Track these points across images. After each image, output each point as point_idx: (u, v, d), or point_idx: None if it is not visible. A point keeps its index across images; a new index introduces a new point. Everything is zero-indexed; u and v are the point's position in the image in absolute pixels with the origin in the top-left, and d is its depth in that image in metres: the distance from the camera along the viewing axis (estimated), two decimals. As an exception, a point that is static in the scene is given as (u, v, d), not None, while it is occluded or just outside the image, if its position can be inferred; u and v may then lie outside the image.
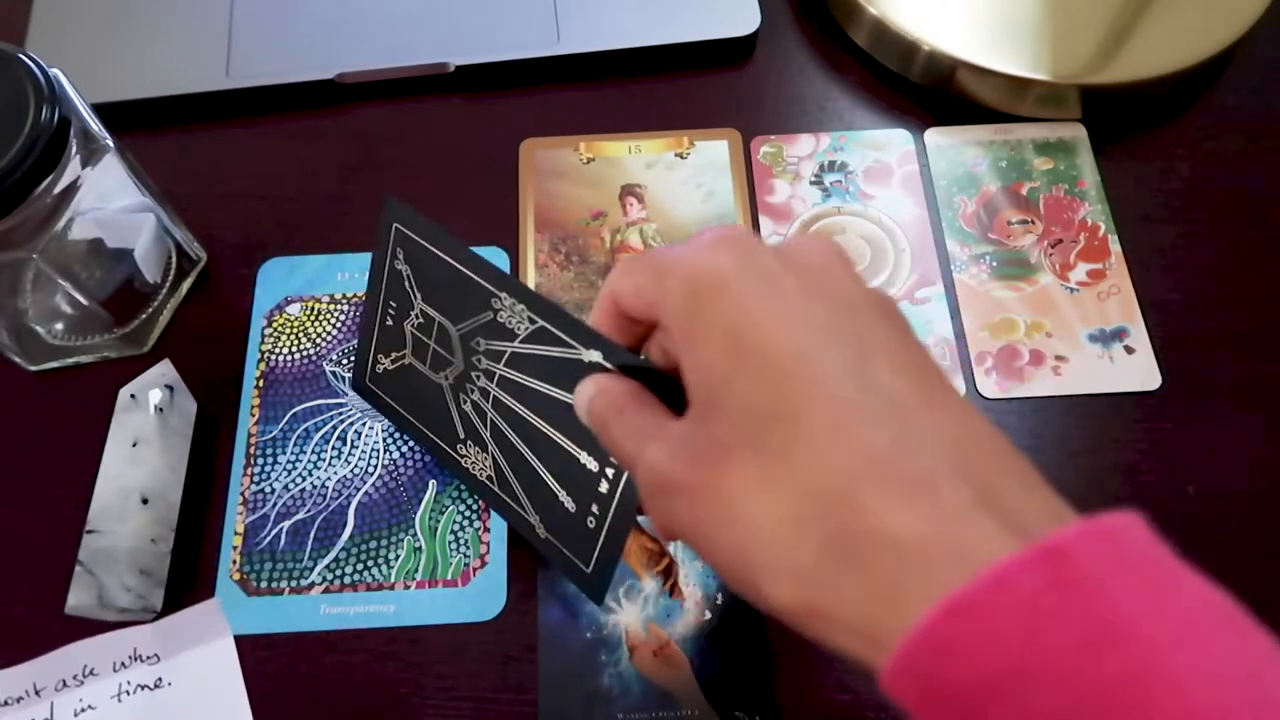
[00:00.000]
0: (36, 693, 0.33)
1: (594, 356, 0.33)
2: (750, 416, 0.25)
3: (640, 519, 0.45)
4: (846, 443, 0.24)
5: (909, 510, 0.23)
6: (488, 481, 0.42)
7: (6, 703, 0.33)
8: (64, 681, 0.33)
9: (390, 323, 0.42)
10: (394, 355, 0.43)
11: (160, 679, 0.34)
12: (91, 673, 0.34)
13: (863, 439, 0.24)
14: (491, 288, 0.36)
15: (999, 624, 0.21)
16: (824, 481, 0.24)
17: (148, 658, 0.34)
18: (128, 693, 0.34)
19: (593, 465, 0.36)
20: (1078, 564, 0.21)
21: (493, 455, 0.41)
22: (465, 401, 0.41)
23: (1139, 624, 0.21)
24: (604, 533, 0.37)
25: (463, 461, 0.43)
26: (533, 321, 0.35)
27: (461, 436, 0.42)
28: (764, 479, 0.25)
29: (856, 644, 0.24)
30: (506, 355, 0.37)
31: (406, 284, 0.40)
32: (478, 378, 0.39)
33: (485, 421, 0.40)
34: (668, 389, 0.30)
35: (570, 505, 0.38)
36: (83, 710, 0.33)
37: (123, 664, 0.34)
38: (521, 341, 0.36)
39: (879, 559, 0.23)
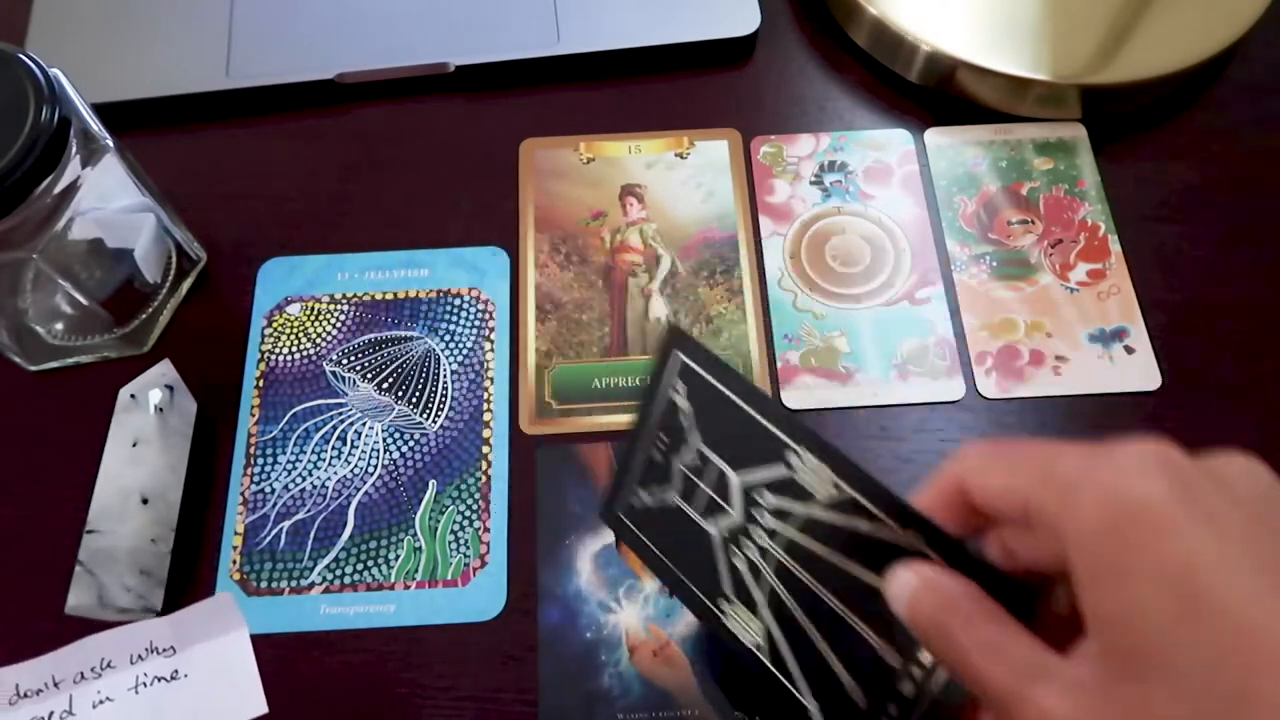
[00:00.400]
0: (55, 685, 0.34)
1: (912, 539, 0.29)
2: (1211, 694, 0.21)
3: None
4: None
5: None
6: (755, 649, 0.36)
7: (26, 695, 0.33)
8: (82, 674, 0.34)
9: (658, 457, 0.38)
10: (655, 491, 0.39)
11: (176, 671, 0.35)
12: (109, 665, 0.34)
13: None
14: (788, 440, 0.33)
15: None
16: None
17: (164, 650, 0.34)
18: (145, 684, 0.34)
19: (894, 661, 0.31)
20: None
21: (765, 623, 0.36)
22: (738, 556, 0.36)
23: None
24: None
25: (725, 620, 0.37)
26: (837, 488, 0.32)
27: (728, 593, 0.37)
28: None
29: None
30: (800, 518, 0.33)
31: (683, 419, 0.36)
32: (758, 535, 0.35)
33: (761, 584, 0.35)
34: (1012, 597, 0.26)
35: (860, 700, 0.33)
36: (101, 702, 0.34)
37: (139, 656, 0.34)
38: (821, 506, 0.32)
39: None
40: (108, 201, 0.45)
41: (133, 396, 0.45)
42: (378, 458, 0.47)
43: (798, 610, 0.34)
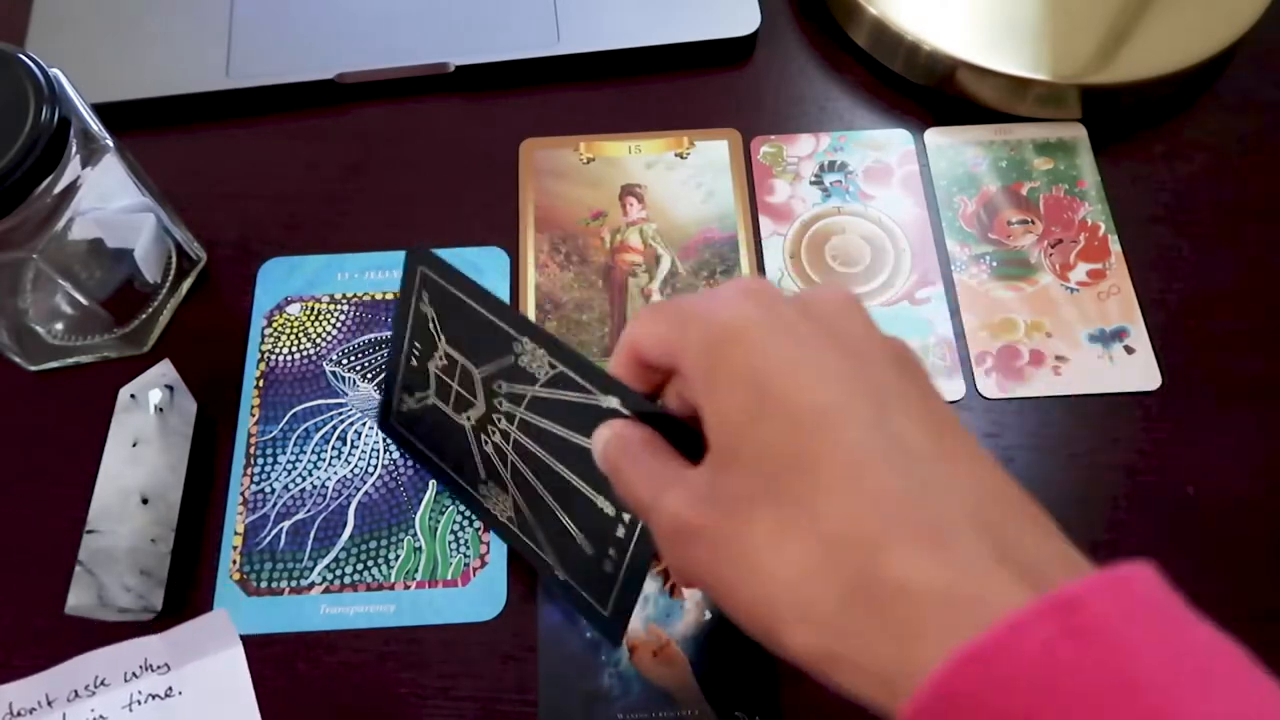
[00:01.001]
0: (49, 703, 0.33)
1: (611, 403, 0.33)
2: (770, 466, 0.26)
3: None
4: (865, 492, 0.24)
5: (927, 560, 0.23)
6: (508, 522, 0.42)
7: (20, 714, 0.33)
8: (75, 692, 0.34)
9: (415, 363, 0.42)
10: (418, 395, 0.43)
11: (171, 688, 0.34)
12: (103, 683, 0.34)
13: (881, 488, 0.24)
14: (513, 332, 0.37)
15: (1014, 673, 0.21)
16: (842, 530, 0.24)
17: (158, 667, 0.34)
18: (139, 702, 0.34)
19: (609, 510, 0.36)
20: (1092, 613, 0.21)
21: (513, 496, 0.41)
22: (486, 443, 0.41)
23: (1154, 672, 0.21)
24: (621, 577, 0.37)
25: (484, 502, 0.43)
26: (553, 367, 0.36)
27: (483, 477, 0.42)
28: (783, 528, 0.25)
29: (874, 691, 0.24)
30: (527, 399, 0.37)
31: (431, 326, 0.41)
32: (499, 420, 0.39)
33: (506, 463, 0.40)
34: (685, 437, 0.30)
35: (588, 549, 0.38)
36: None
37: (133, 674, 0.34)
38: (541, 386, 0.36)
39: (897, 608, 0.23)
40: (108, 201, 0.45)
41: (133, 396, 0.45)
42: (378, 458, 0.47)
43: (534, 480, 0.39)
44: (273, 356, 0.49)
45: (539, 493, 0.39)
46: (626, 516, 0.36)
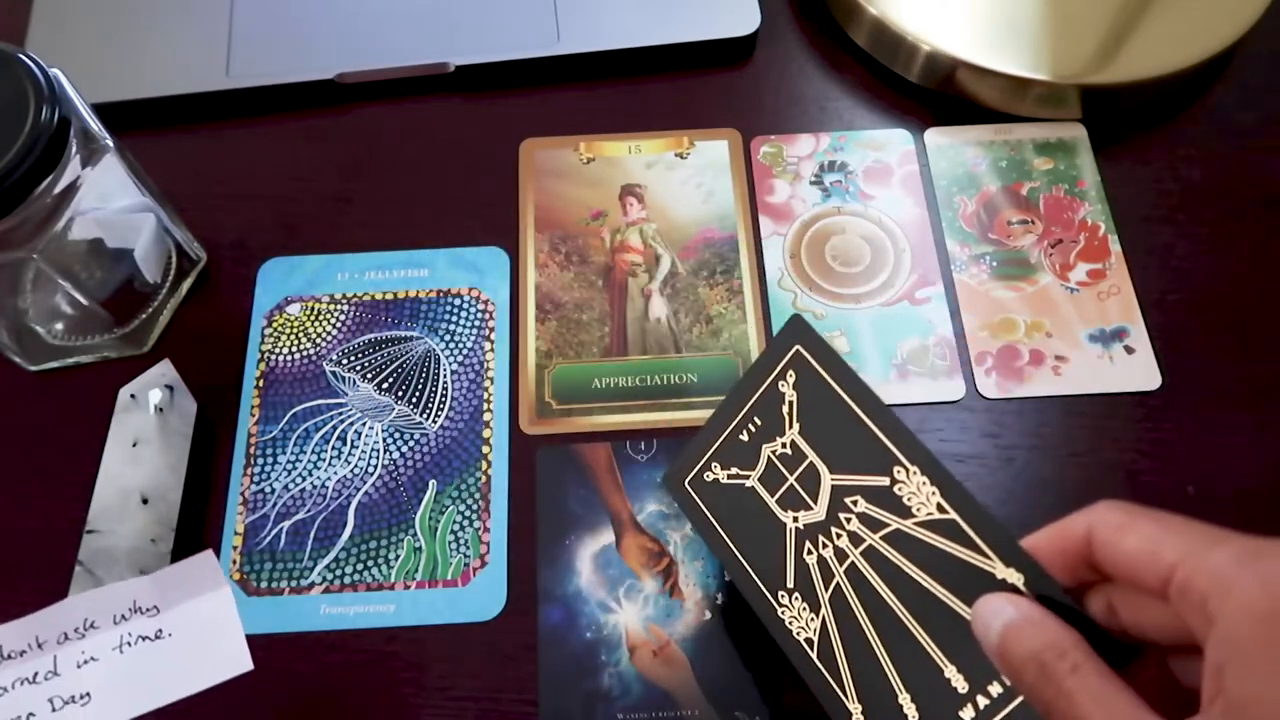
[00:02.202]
0: (39, 646, 0.34)
1: (1012, 577, 0.29)
2: None
3: (647, 518, 0.45)
4: None
5: None
6: (804, 644, 0.36)
7: (10, 656, 0.33)
8: (65, 634, 0.34)
9: (745, 439, 0.38)
10: (734, 471, 0.39)
11: (160, 630, 0.34)
12: (92, 625, 0.34)
13: None
14: (900, 454, 0.33)
15: None
16: None
17: (147, 609, 0.34)
18: (129, 644, 0.34)
19: (960, 685, 0.31)
20: None
21: (823, 620, 0.36)
22: (811, 553, 0.36)
23: None
24: None
25: (779, 611, 0.37)
26: (942, 510, 0.31)
27: (790, 586, 0.37)
28: None
29: None
30: (888, 530, 0.33)
31: (785, 408, 0.37)
32: (838, 535, 0.35)
33: (829, 584, 0.35)
34: (1105, 655, 0.26)
35: (911, 714, 0.33)
36: (85, 662, 0.34)
37: (123, 616, 0.34)
38: (916, 524, 0.32)
39: None
40: (108, 201, 0.45)
41: (133, 396, 0.45)
42: (378, 458, 0.47)
43: (863, 616, 0.34)
44: (273, 356, 0.49)
45: (865, 631, 0.34)
46: (982, 702, 0.30)
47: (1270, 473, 0.47)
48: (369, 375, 0.49)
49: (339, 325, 0.50)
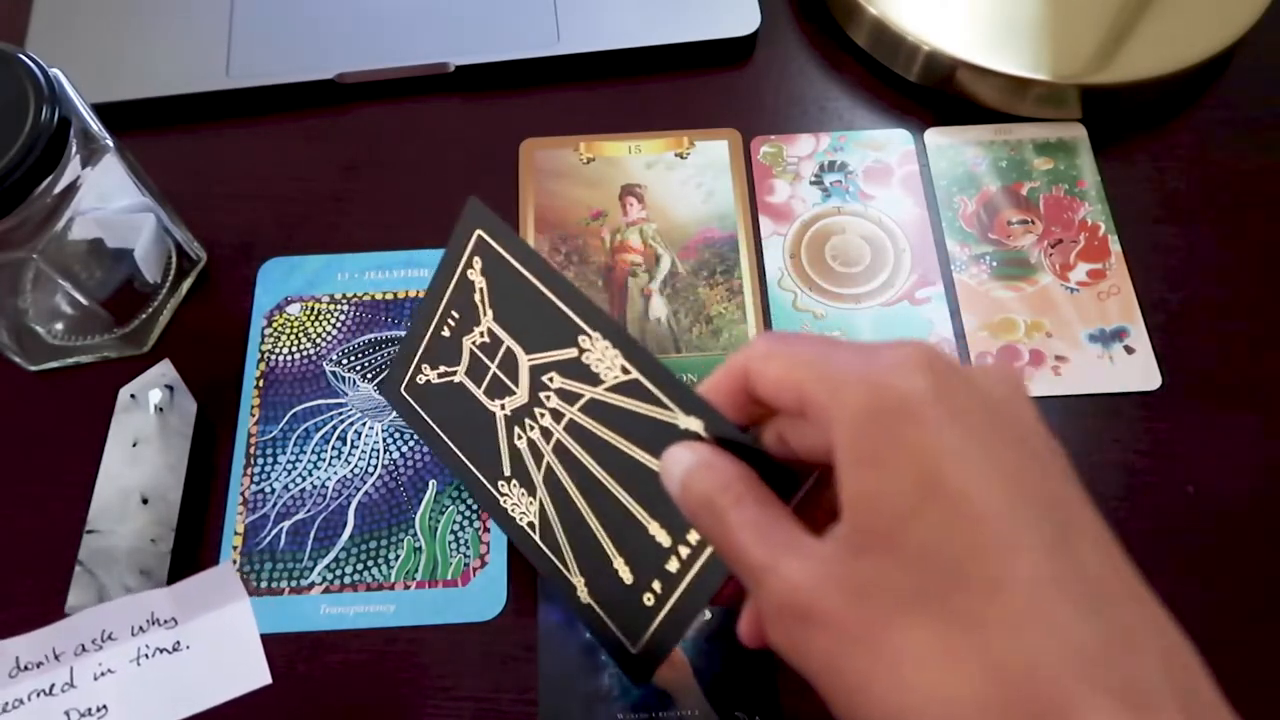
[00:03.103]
0: (56, 657, 0.33)
1: (693, 425, 0.30)
2: (933, 569, 0.23)
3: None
4: (1052, 629, 0.22)
5: None
6: (527, 528, 0.38)
7: (27, 668, 0.33)
8: (83, 646, 0.34)
9: (447, 334, 0.38)
10: (443, 369, 0.39)
11: (179, 642, 0.34)
12: (110, 637, 0.34)
13: (1071, 629, 0.22)
14: (582, 323, 0.33)
15: None
16: (1022, 667, 0.22)
17: (165, 621, 0.34)
18: (146, 656, 0.34)
19: (664, 539, 0.32)
20: None
21: (540, 501, 0.37)
22: (520, 438, 0.37)
23: None
24: (663, 614, 0.33)
25: (501, 500, 0.39)
26: (626, 372, 0.32)
27: (506, 474, 0.38)
28: (946, 646, 0.23)
29: None
30: (583, 400, 0.34)
31: (478, 297, 0.37)
32: (542, 415, 0.36)
33: (540, 464, 0.36)
34: (779, 484, 0.28)
35: (626, 576, 0.34)
36: (102, 674, 0.34)
37: (140, 628, 0.34)
38: (606, 389, 0.33)
39: None
40: (108, 201, 0.45)
41: (133, 396, 0.45)
42: (378, 458, 0.47)
43: (573, 489, 0.35)
44: (273, 356, 0.49)
45: (576, 504, 0.35)
46: (684, 551, 0.32)
47: (1270, 473, 0.47)
48: (369, 375, 0.49)
49: (339, 325, 0.50)
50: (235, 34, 0.57)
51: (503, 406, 0.37)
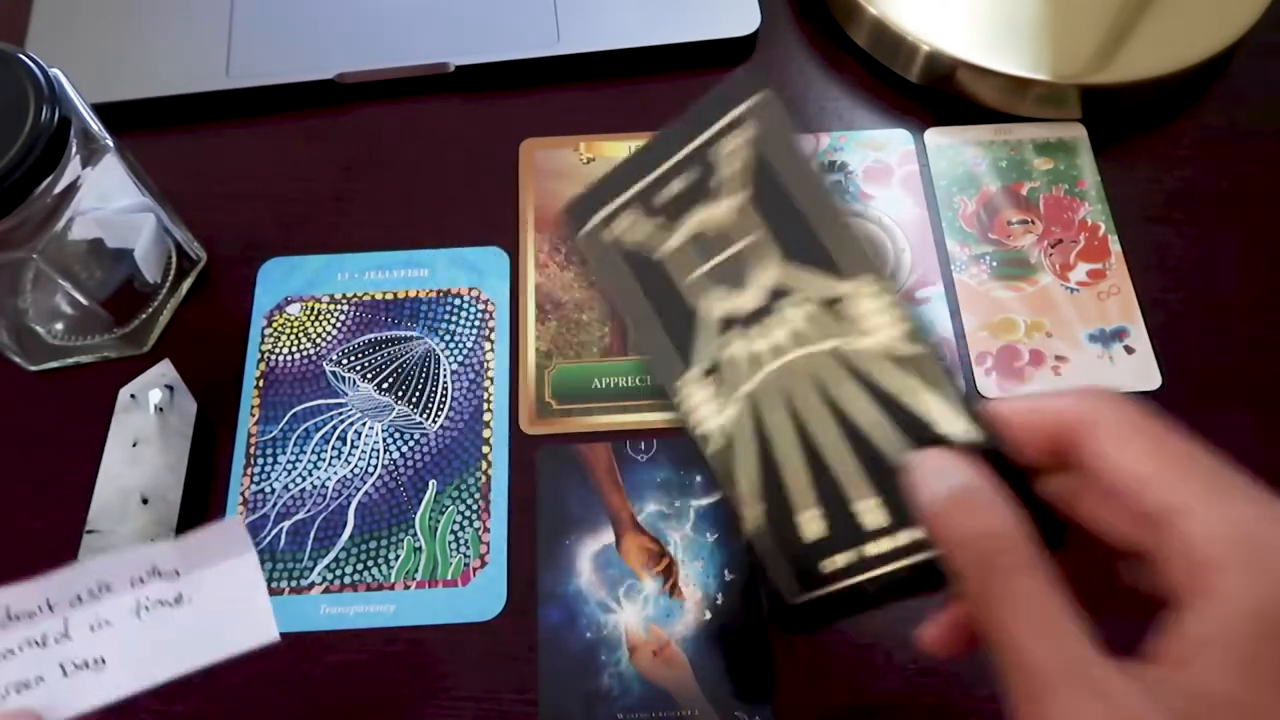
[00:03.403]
0: (50, 608, 0.32)
1: (959, 432, 0.27)
2: None
3: (648, 521, 0.45)
4: None
5: None
6: (700, 438, 0.31)
7: (17, 618, 0.32)
8: (79, 597, 0.32)
9: (666, 193, 0.32)
10: (651, 231, 0.32)
11: (181, 595, 0.33)
12: (107, 588, 0.32)
13: None
14: (874, 267, 0.29)
15: None
16: None
17: (167, 573, 0.33)
18: (146, 608, 0.33)
19: (877, 519, 0.28)
20: None
21: (732, 420, 0.31)
22: (733, 342, 0.31)
23: None
24: (842, 586, 0.29)
25: (677, 397, 0.32)
26: (910, 341, 0.28)
27: (694, 373, 0.31)
28: None
29: None
30: (829, 346, 0.29)
31: (732, 168, 0.31)
32: (770, 331, 0.30)
33: (753, 381, 0.30)
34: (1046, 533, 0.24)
35: (814, 532, 0.29)
36: (100, 626, 0.32)
37: (140, 580, 0.33)
38: (872, 344, 0.28)
39: None
40: (108, 201, 0.45)
41: (133, 396, 0.45)
42: (378, 458, 0.47)
43: (786, 424, 0.30)
44: (273, 356, 0.49)
45: (781, 439, 0.30)
46: (901, 539, 0.28)
47: (1270, 473, 0.46)
48: (369, 375, 0.49)
49: (339, 325, 0.50)
50: (235, 34, 0.57)
51: (717, 300, 0.31)
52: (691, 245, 0.32)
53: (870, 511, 0.28)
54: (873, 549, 0.28)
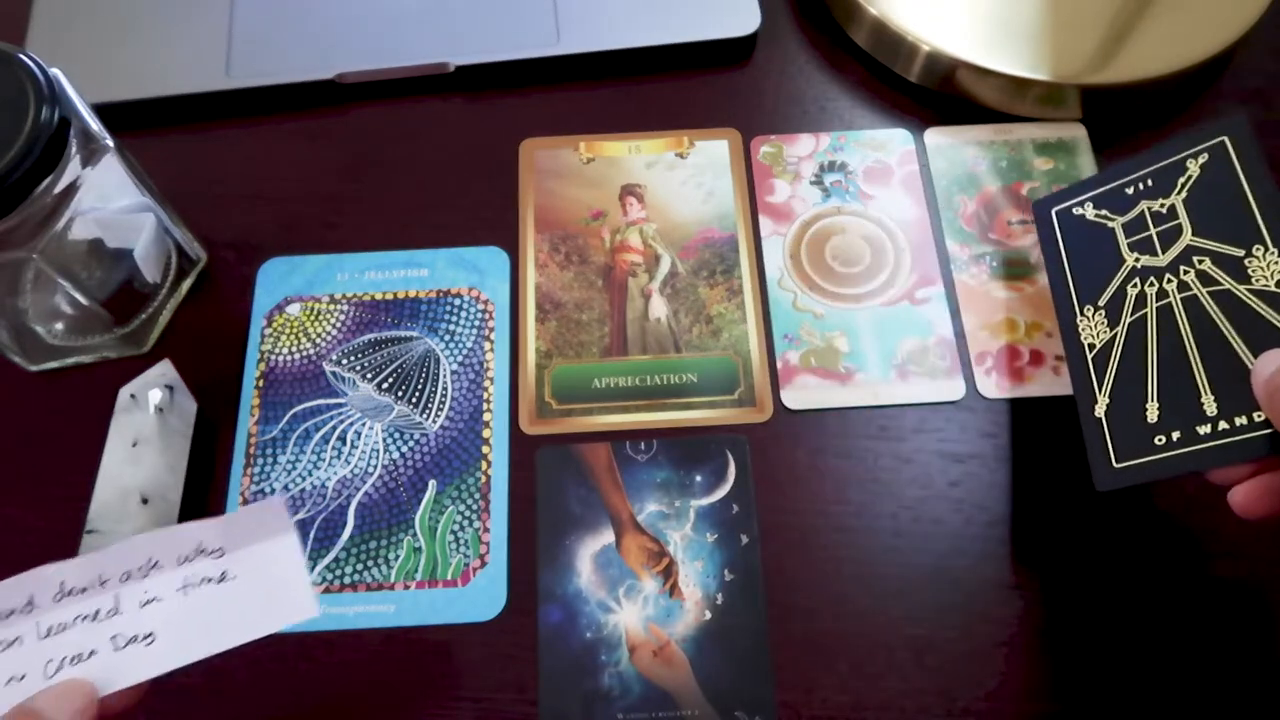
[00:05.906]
0: (102, 584, 0.33)
1: None
2: None
3: (649, 516, 0.45)
4: None
5: None
6: (1085, 347, 0.43)
7: (72, 593, 0.33)
8: (129, 573, 0.34)
9: (1130, 191, 0.44)
10: (1103, 212, 0.45)
11: (225, 572, 0.34)
12: (156, 565, 0.34)
13: None
14: (1268, 238, 0.39)
15: None
16: None
17: (212, 551, 0.34)
18: (193, 585, 0.34)
19: (1209, 408, 0.38)
20: None
21: (1115, 335, 0.42)
22: (1135, 286, 0.42)
23: None
24: (1166, 456, 0.38)
25: (1078, 320, 0.44)
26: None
27: (1100, 304, 0.43)
28: None
29: None
30: (1219, 288, 0.39)
31: (1182, 179, 0.42)
32: (1169, 280, 0.41)
33: (1137, 313, 0.42)
34: None
35: (1153, 416, 0.39)
36: (149, 602, 0.34)
37: (187, 558, 0.34)
38: (1249, 290, 0.38)
39: None
40: (108, 201, 0.45)
41: (133, 396, 0.45)
42: (378, 458, 0.47)
43: (1152, 340, 0.41)
44: (273, 356, 0.49)
45: (1147, 351, 0.41)
46: (1222, 425, 0.37)
47: (1270, 473, 0.47)
48: (369, 375, 0.49)
49: (339, 325, 0.50)
50: (235, 34, 0.57)
51: (1137, 260, 0.43)
52: (1135, 221, 0.44)
53: (1206, 400, 0.38)
54: (1203, 429, 0.38)
